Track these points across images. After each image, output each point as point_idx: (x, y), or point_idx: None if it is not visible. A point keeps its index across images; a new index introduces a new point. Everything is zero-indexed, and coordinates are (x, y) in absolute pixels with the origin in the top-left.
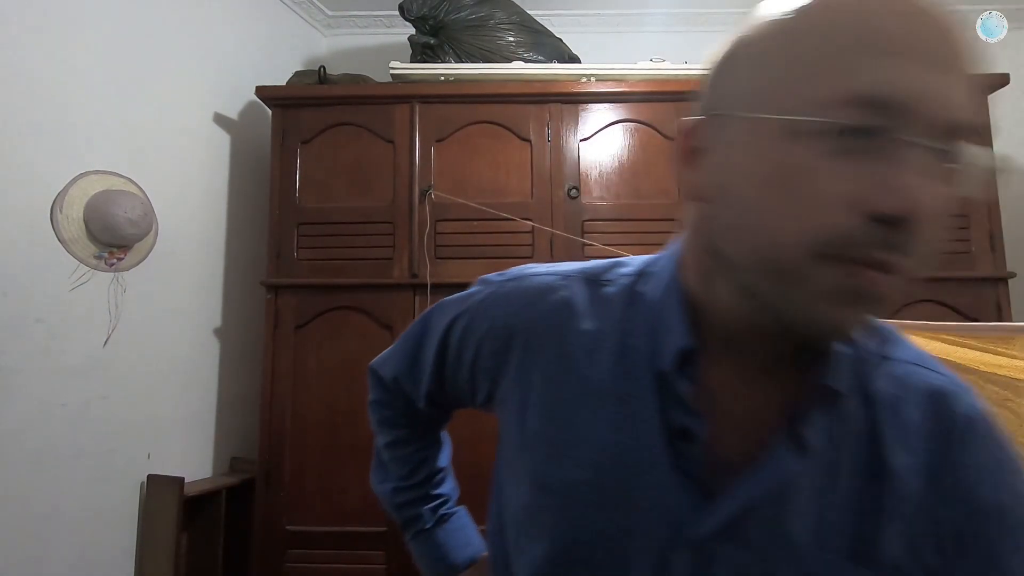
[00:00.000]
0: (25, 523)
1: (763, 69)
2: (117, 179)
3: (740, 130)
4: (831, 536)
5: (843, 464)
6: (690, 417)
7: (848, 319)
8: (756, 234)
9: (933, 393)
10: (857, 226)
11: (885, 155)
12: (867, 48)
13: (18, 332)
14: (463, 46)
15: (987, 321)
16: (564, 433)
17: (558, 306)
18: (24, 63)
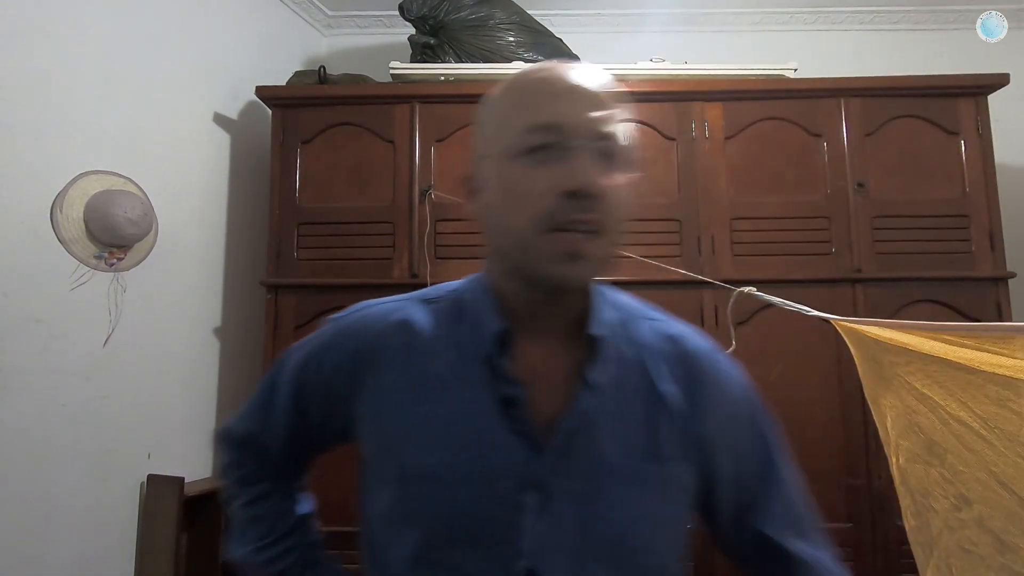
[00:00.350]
0: (25, 523)
1: (491, 123)
2: (117, 179)
3: (489, 166)
4: (630, 446)
5: (629, 395)
6: (513, 387)
7: (572, 272)
8: (507, 228)
9: (672, 337)
10: (556, 203)
11: (564, 158)
12: (542, 96)
13: (18, 332)
14: (463, 46)
15: (987, 321)
16: (420, 426)
17: (397, 325)
18: (24, 63)
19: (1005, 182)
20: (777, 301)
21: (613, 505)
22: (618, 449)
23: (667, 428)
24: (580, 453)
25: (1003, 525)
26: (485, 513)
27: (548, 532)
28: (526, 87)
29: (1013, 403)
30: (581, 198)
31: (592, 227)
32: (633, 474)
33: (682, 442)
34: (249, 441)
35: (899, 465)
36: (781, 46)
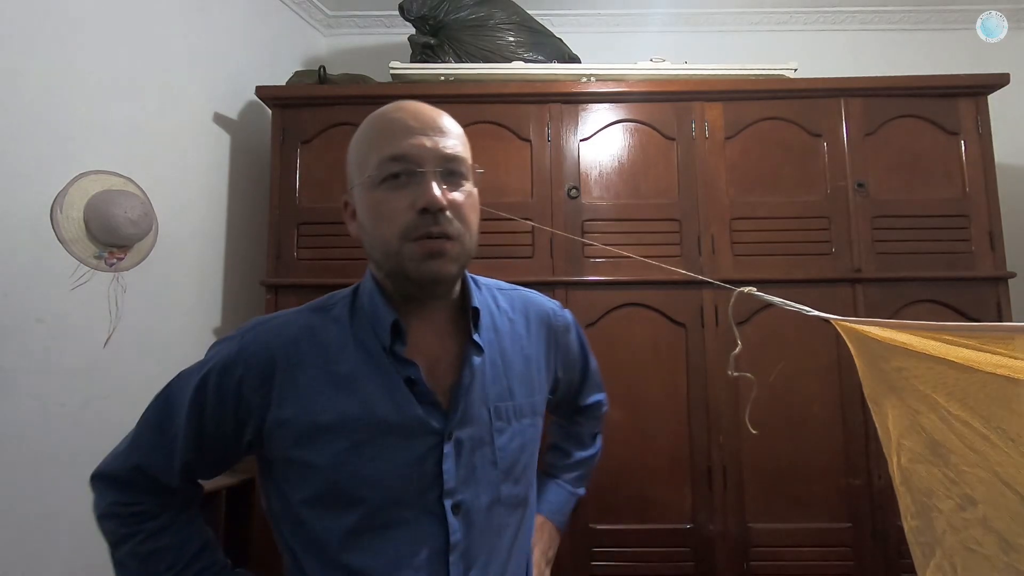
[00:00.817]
0: (25, 523)
1: (356, 157)
2: (117, 179)
3: (359, 192)
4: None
5: (504, 350)
6: (409, 368)
7: (433, 268)
8: (379, 241)
9: (525, 299)
10: (413, 218)
11: (416, 181)
12: (393, 133)
13: (18, 332)
14: (463, 46)
15: (987, 321)
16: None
17: (302, 331)
18: (24, 63)
19: (1005, 182)
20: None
21: (505, 438)
22: (502, 395)
23: (534, 369)
24: (475, 405)
25: (1007, 525)
26: (416, 471)
27: (465, 472)
28: (382, 126)
29: (1014, 403)
30: (432, 212)
31: (443, 233)
32: (516, 411)
33: (545, 377)
34: (137, 477)
35: (901, 465)
36: (781, 46)
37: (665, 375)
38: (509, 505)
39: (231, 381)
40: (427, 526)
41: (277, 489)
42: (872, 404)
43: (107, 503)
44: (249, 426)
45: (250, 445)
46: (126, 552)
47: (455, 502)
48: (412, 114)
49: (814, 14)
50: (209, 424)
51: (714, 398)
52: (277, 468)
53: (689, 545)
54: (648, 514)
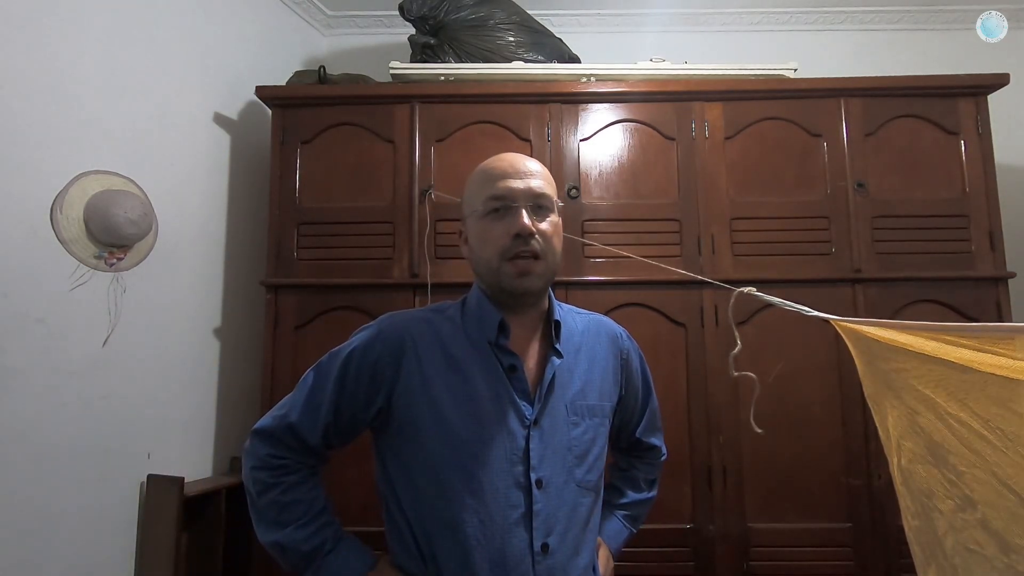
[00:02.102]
0: (25, 523)
1: (469, 195)
2: (117, 179)
3: (470, 223)
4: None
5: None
6: (512, 358)
7: (524, 283)
8: (483, 260)
9: (598, 321)
10: (509, 242)
11: (512, 214)
12: (495, 177)
13: (18, 332)
14: (463, 46)
15: (987, 321)
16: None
17: (425, 323)
18: (24, 63)
19: (1005, 182)
20: (777, 301)
21: (579, 431)
22: (577, 395)
23: (604, 379)
24: (555, 400)
25: (1006, 525)
26: (507, 446)
27: (545, 452)
28: (487, 173)
29: (1014, 404)
30: (523, 237)
31: (532, 254)
32: (589, 410)
33: (613, 389)
34: (288, 435)
35: (901, 466)
36: (781, 46)
37: (665, 375)
38: (583, 487)
39: (371, 357)
40: (515, 493)
41: (393, 450)
42: (872, 404)
43: (263, 454)
44: (381, 393)
45: (378, 412)
46: (269, 500)
47: (538, 477)
48: (509, 163)
49: (814, 14)
50: (349, 392)
51: (714, 398)
52: (397, 430)
53: (689, 545)
54: (648, 514)
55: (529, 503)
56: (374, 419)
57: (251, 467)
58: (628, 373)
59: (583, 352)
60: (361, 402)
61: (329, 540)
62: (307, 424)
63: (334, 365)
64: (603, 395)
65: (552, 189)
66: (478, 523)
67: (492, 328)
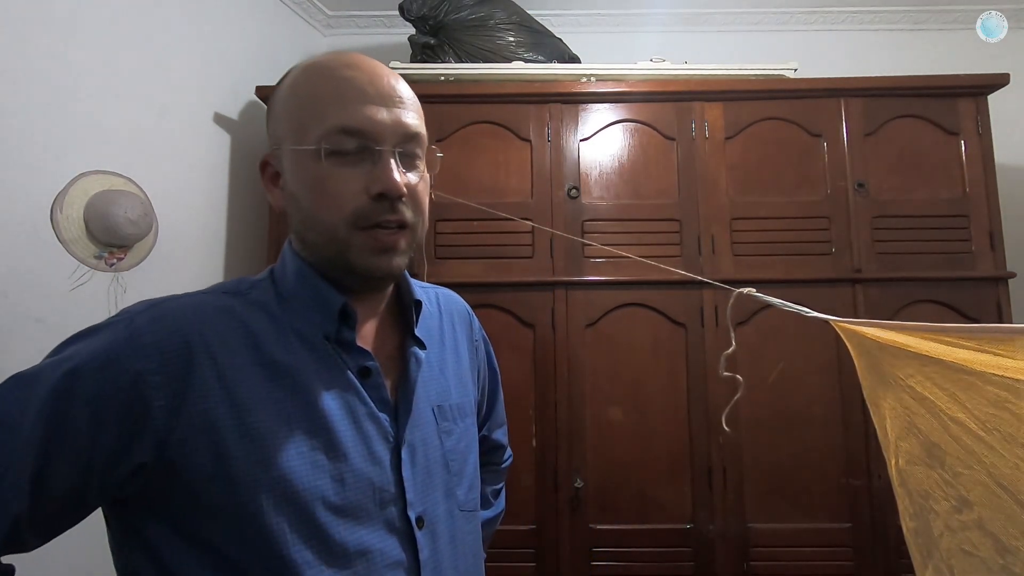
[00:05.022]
0: None
1: (293, 116)
2: (117, 179)
3: (291, 158)
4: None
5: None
6: (363, 357)
7: (386, 263)
8: (319, 223)
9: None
10: (366, 204)
11: (371, 159)
12: (346, 97)
13: (18, 332)
14: (463, 46)
15: (987, 321)
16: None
17: (220, 312)
18: (24, 63)
19: (1005, 182)
20: (776, 302)
21: (454, 440)
22: (442, 394)
23: (464, 368)
24: (421, 405)
25: (1002, 527)
26: (374, 480)
27: (422, 479)
28: (332, 86)
29: (1012, 405)
30: (390, 199)
31: (400, 222)
32: (459, 410)
33: (472, 378)
34: None
35: (898, 467)
36: (781, 46)
37: (665, 375)
38: (466, 511)
39: (121, 379)
40: (393, 547)
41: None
42: (871, 405)
43: None
44: (142, 443)
45: (134, 475)
46: None
47: (418, 515)
48: (369, 77)
49: (814, 14)
50: (72, 443)
51: (714, 398)
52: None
53: (689, 545)
54: (648, 514)
55: (413, 553)
56: (123, 487)
57: None
58: (479, 359)
59: (440, 337)
60: (97, 463)
61: None
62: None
63: (32, 401)
64: (466, 388)
65: (424, 129)
66: None
67: (330, 318)
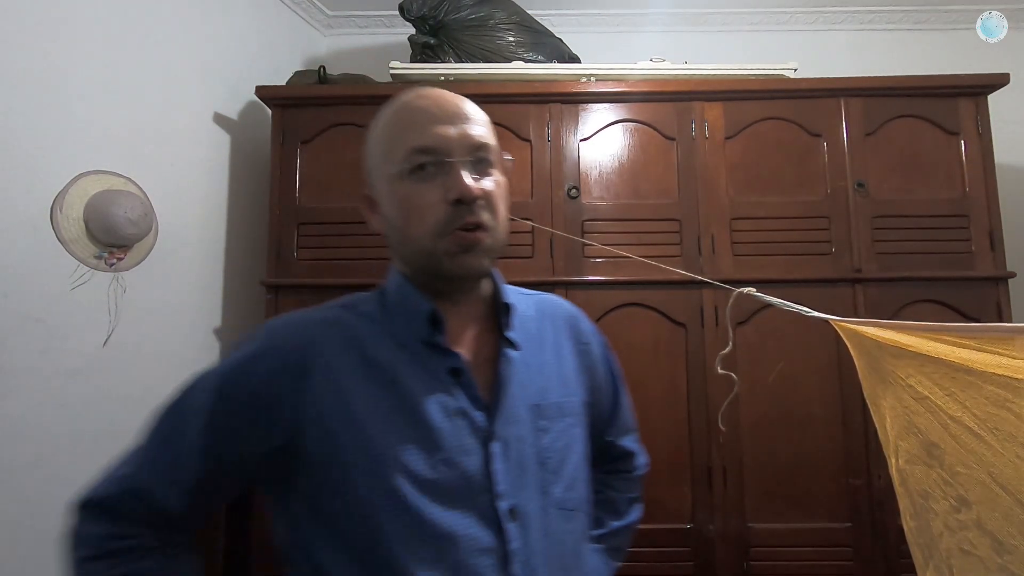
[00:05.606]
0: (25, 523)
1: (379, 147)
2: (117, 179)
3: (382, 184)
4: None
5: (538, 349)
6: (454, 359)
7: (469, 262)
8: (410, 237)
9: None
10: (446, 211)
11: (444, 172)
12: (418, 122)
13: (18, 332)
14: (463, 46)
15: (987, 321)
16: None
17: (331, 323)
18: (24, 63)
19: (1005, 182)
20: (776, 302)
21: (550, 438)
22: (540, 393)
23: (568, 369)
24: (516, 404)
25: (1001, 526)
26: (464, 469)
27: (514, 472)
28: (405, 117)
29: (1012, 404)
30: (466, 203)
31: (477, 223)
32: (558, 409)
33: (579, 380)
34: (136, 504)
35: (898, 466)
36: (781, 46)
37: (665, 375)
38: (565, 510)
39: (258, 377)
40: (484, 535)
41: (307, 504)
42: (871, 405)
43: (98, 537)
44: (279, 427)
45: (275, 455)
46: None
47: (510, 506)
48: (436, 102)
49: (814, 14)
50: (230, 430)
51: (714, 398)
52: (311, 476)
53: (689, 545)
54: (648, 514)
55: (502, 542)
56: (269, 466)
57: (80, 559)
58: (591, 361)
59: (538, 339)
60: (250, 443)
61: None
62: (166, 484)
63: (200, 396)
64: (570, 389)
65: (494, 138)
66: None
67: (422, 323)
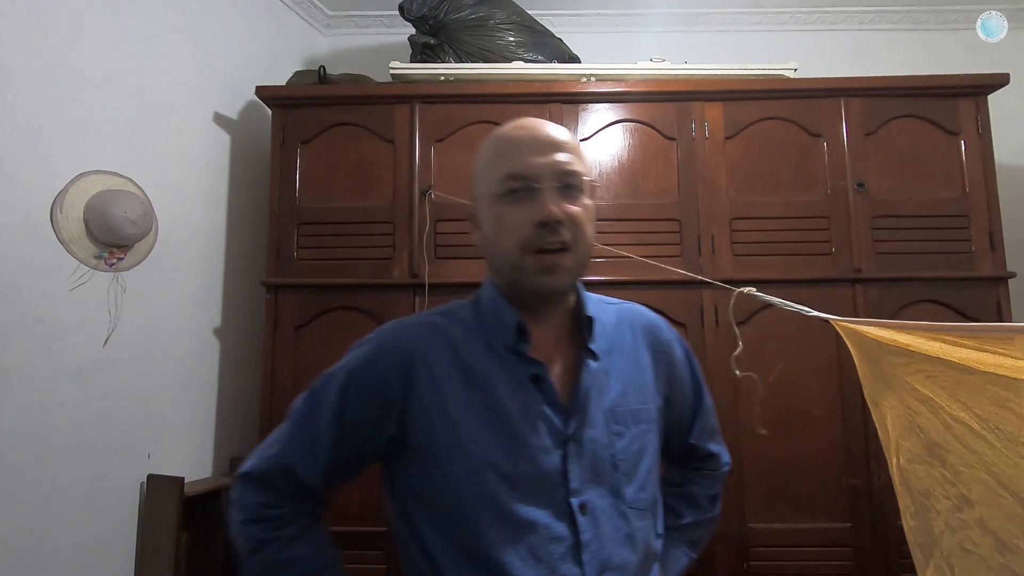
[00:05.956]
0: (25, 523)
1: (481, 171)
2: (117, 179)
3: (482, 206)
4: (627, 397)
5: (617, 359)
6: (536, 366)
7: (549, 282)
8: (500, 252)
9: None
10: (532, 231)
11: (534, 196)
12: (512, 151)
13: (18, 332)
14: (463, 46)
15: (987, 321)
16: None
17: (433, 329)
18: (24, 63)
19: (1005, 182)
20: (777, 301)
21: (624, 442)
22: (617, 400)
23: (646, 378)
24: (593, 410)
25: (1003, 525)
26: (542, 465)
27: (588, 473)
28: (502, 145)
29: (1013, 404)
30: (549, 225)
31: (560, 246)
32: (632, 416)
33: (656, 388)
34: (282, 478)
35: (900, 466)
36: (781, 46)
37: None
38: (636, 510)
39: (375, 375)
40: (557, 524)
41: (409, 483)
42: (872, 404)
43: (254, 504)
44: (391, 418)
45: (389, 441)
46: (265, 559)
47: (581, 502)
48: (530, 131)
49: (814, 14)
50: (353, 420)
51: (714, 398)
52: (413, 460)
53: None
54: None
55: (575, 533)
56: (384, 449)
57: (241, 521)
58: (671, 368)
59: (618, 348)
60: (368, 431)
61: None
62: (306, 463)
63: (331, 390)
64: (646, 396)
65: (583, 164)
66: (519, 563)
67: (509, 333)
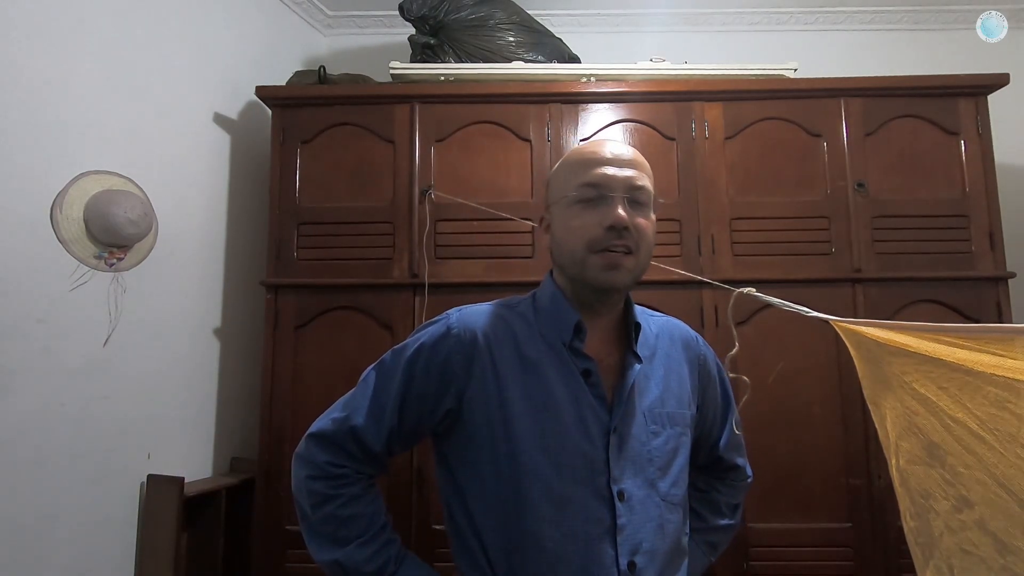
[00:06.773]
0: (25, 523)
1: (557, 181)
2: (117, 179)
3: (556, 210)
4: (665, 399)
5: (658, 365)
6: (588, 362)
7: (612, 277)
8: (568, 250)
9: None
10: (601, 233)
11: (606, 204)
12: (588, 164)
13: (18, 332)
14: (463, 46)
15: (987, 321)
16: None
17: (497, 319)
18: (24, 63)
19: (1005, 182)
20: (776, 302)
21: (660, 440)
22: (656, 402)
23: (683, 386)
24: (634, 408)
25: (1003, 527)
26: (587, 452)
27: (626, 462)
28: (582, 158)
29: (1012, 404)
30: (616, 230)
31: (624, 249)
32: (668, 418)
33: (691, 396)
34: (349, 440)
35: (899, 466)
36: (781, 46)
37: None
38: (668, 502)
39: (440, 354)
40: (598, 508)
41: (462, 457)
42: (871, 405)
43: (321, 462)
44: (451, 395)
45: (446, 415)
46: (326, 514)
47: (620, 489)
48: (609, 149)
49: (814, 14)
50: (416, 391)
51: None
52: (467, 436)
53: None
54: None
55: (613, 517)
56: (441, 423)
57: (306, 476)
58: (705, 381)
59: (659, 357)
60: (429, 404)
61: (392, 560)
62: (371, 429)
63: (399, 363)
64: (682, 403)
65: (651, 183)
66: (559, 537)
67: (567, 329)
